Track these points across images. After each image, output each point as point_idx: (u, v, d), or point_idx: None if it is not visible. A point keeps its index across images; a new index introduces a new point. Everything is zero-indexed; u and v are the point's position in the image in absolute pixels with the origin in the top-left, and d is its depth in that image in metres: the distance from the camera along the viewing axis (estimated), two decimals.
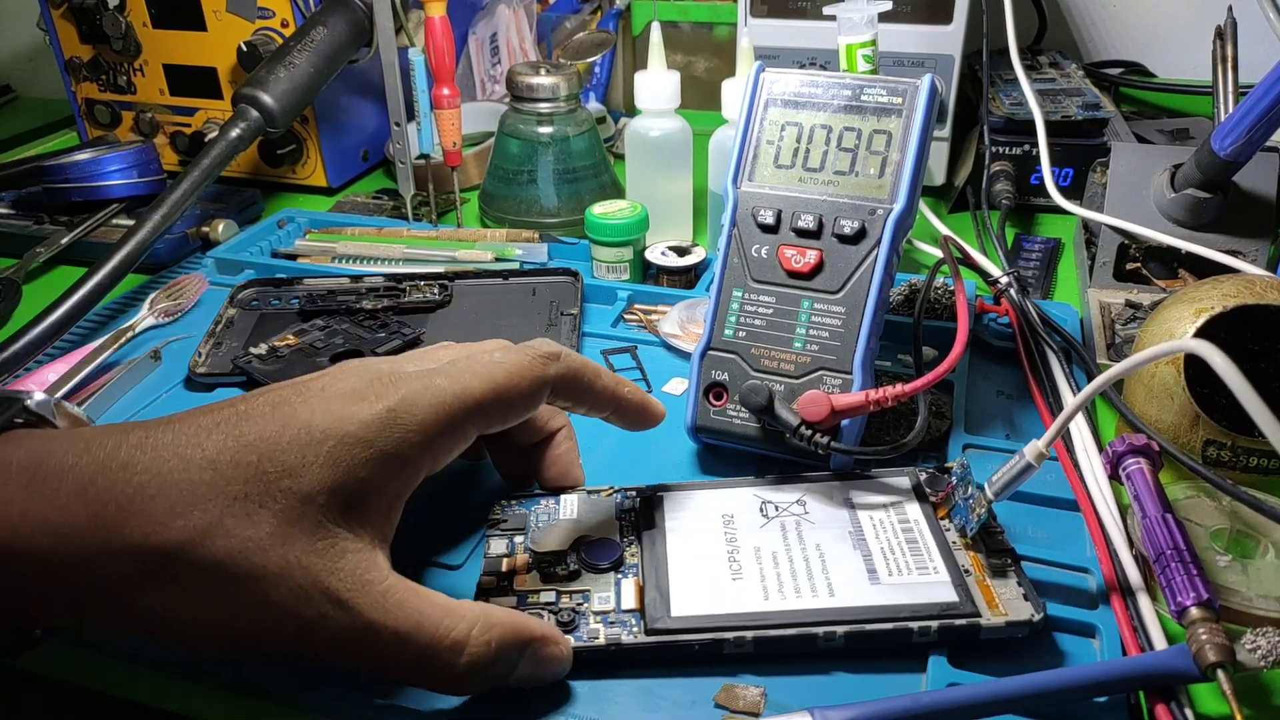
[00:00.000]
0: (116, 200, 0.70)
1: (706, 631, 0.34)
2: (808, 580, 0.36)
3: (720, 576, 0.36)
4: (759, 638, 0.34)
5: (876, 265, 0.43)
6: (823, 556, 0.37)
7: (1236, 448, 0.42)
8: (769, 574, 0.36)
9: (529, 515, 0.40)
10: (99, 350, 0.54)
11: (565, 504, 0.41)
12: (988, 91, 0.74)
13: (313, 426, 0.31)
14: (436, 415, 0.33)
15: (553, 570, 0.37)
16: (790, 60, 0.71)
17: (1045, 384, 0.50)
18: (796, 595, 0.35)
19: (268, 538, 0.29)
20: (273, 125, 0.67)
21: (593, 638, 0.34)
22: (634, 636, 0.34)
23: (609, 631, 0.34)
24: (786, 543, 0.38)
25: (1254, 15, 0.59)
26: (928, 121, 0.44)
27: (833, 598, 0.35)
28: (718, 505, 0.40)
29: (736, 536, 0.38)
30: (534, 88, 0.69)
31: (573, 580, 0.37)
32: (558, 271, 0.61)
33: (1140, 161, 0.59)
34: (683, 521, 0.39)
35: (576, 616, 0.35)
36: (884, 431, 0.46)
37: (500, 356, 0.35)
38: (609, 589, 0.36)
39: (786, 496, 0.41)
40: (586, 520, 0.40)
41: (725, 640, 0.34)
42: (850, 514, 0.39)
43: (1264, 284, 0.43)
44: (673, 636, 0.34)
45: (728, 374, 0.44)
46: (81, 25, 0.81)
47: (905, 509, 0.40)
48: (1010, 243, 0.69)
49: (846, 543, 0.38)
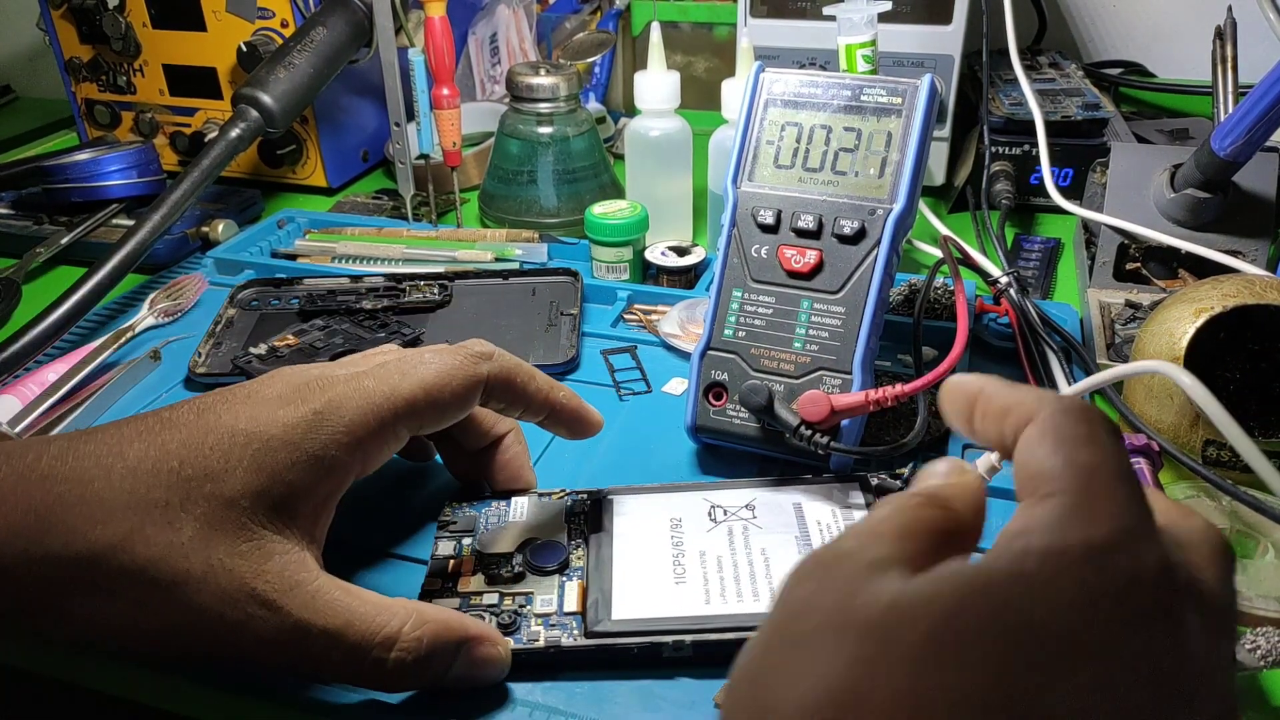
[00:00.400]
0: (116, 200, 0.70)
1: (646, 635, 0.34)
2: (750, 584, 0.36)
3: (664, 580, 0.36)
4: (698, 642, 0.34)
5: (876, 265, 0.43)
6: (767, 561, 0.37)
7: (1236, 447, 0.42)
8: (712, 578, 0.36)
9: (478, 517, 0.41)
10: (99, 350, 0.54)
11: (515, 506, 0.41)
12: (988, 91, 0.74)
13: (236, 431, 0.31)
14: (364, 416, 0.33)
15: (497, 572, 0.37)
16: (790, 60, 0.71)
17: (1045, 384, 0.50)
18: (739, 599, 0.35)
19: (190, 542, 0.30)
20: (273, 125, 0.67)
21: (533, 640, 0.34)
22: (574, 639, 0.34)
23: (549, 634, 0.35)
24: (732, 547, 0.38)
25: (1254, 15, 0.59)
26: (928, 122, 0.44)
27: None
28: (667, 509, 0.40)
29: (683, 540, 0.38)
30: (534, 88, 0.69)
31: (517, 582, 0.37)
32: (558, 271, 0.61)
33: (1140, 161, 0.59)
34: (631, 525, 0.39)
35: (518, 618, 0.35)
36: (884, 431, 0.46)
37: (431, 357, 0.35)
38: (552, 591, 0.36)
39: (736, 500, 0.40)
40: (535, 523, 0.40)
41: (664, 644, 0.34)
42: (798, 520, 0.39)
43: (1264, 284, 0.43)
44: (611, 640, 0.34)
45: (727, 374, 0.44)
46: (81, 25, 0.81)
47: (854, 515, 0.40)
48: (1010, 243, 0.69)
49: (792, 547, 0.38)
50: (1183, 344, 0.43)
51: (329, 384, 0.33)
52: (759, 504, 0.40)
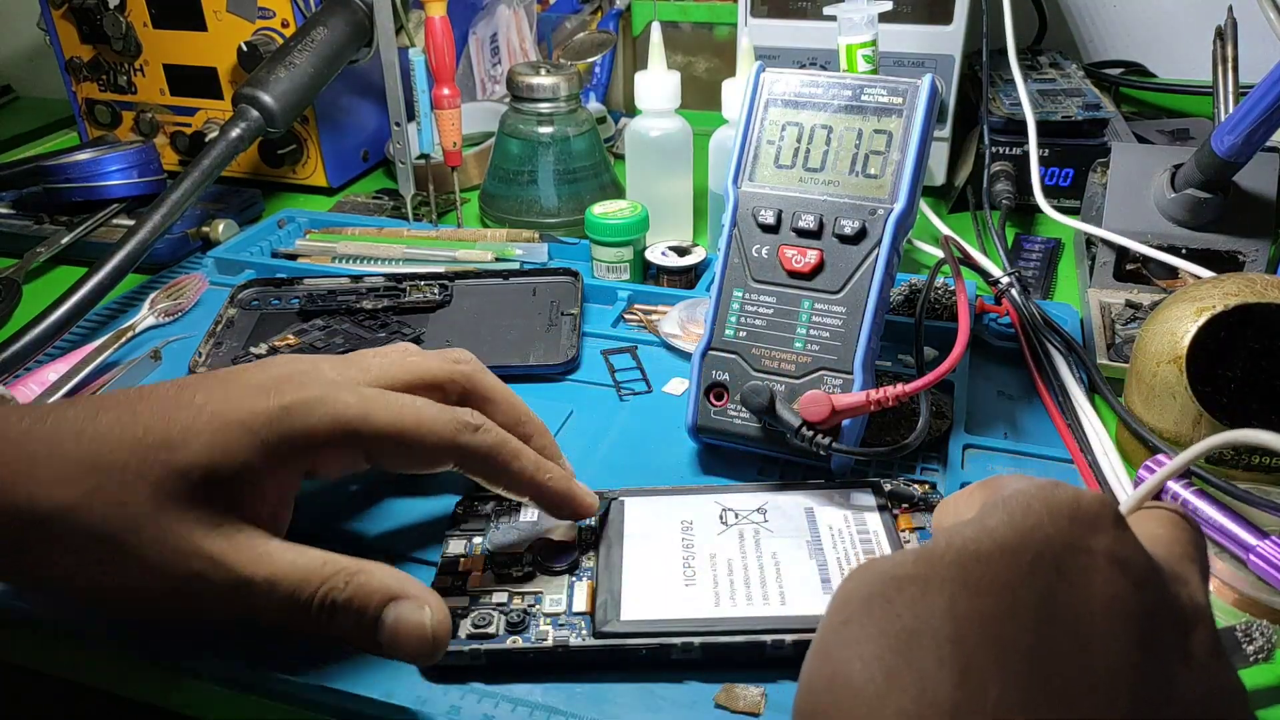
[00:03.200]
0: (116, 200, 0.70)
1: (654, 636, 0.34)
2: (760, 588, 0.36)
3: (674, 582, 0.36)
4: (706, 644, 0.34)
5: (877, 265, 0.43)
6: (778, 564, 0.37)
7: (1239, 447, 0.42)
8: (722, 580, 0.36)
9: (490, 516, 0.40)
10: (99, 350, 0.54)
11: (527, 506, 0.41)
12: (988, 91, 0.74)
13: (203, 409, 0.32)
14: (329, 429, 0.33)
15: (507, 571, 0.37)
16: (790, 60, 0.71)
17: (1052, 384, 0.50)
18: (748, 602, 0.35)
19: (143, 505, 0.31)
20: (273, 125, 0.67)
21: (541, 639, 0.34)
22: (582, 639, 0.34)
23: (558, 633, 0.34)
24: (743, 550, 0.38)
25: (1254, 15, 0.59)
26: (928, 121, 0.44)
27: (784, 606, 0.35)
28: (679, 512, 0.40)
29: (694, 543, 0.38)
30: (534, 88, 0.69)
31: (526, 581, 0.37)
32: (558, 271, 0.61)
33: (1140, 162, 0.59)
34: (641, 527, 0.39)
35: (527, 617, 0.35)
36: (885, 432, 0.46)
37: (422, 404, 0.35)
38: (562, 591, 0.36)
39: (748, 504, 0.40)
40: (546, 523, 0.40)
41: (673, 645, 0.34)
42: (810, 524, 0.39)
43: (1265, 282, 0.43)
44: (620, 640, 0.34)
45: (728, 374, 0.44)
46: (82, 25, 0.81)
47: (866, 520, 0.39)
48: (1010, 242, 0.69)
49: (803, 551, 0.38)
50: (1185, 343, 0.43)
51: (309, 383, 0.34)
52: (770, 507, 0.40)
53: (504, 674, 0.34)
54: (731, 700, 0.33)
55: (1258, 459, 0.42)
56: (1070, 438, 0.46)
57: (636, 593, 0.36)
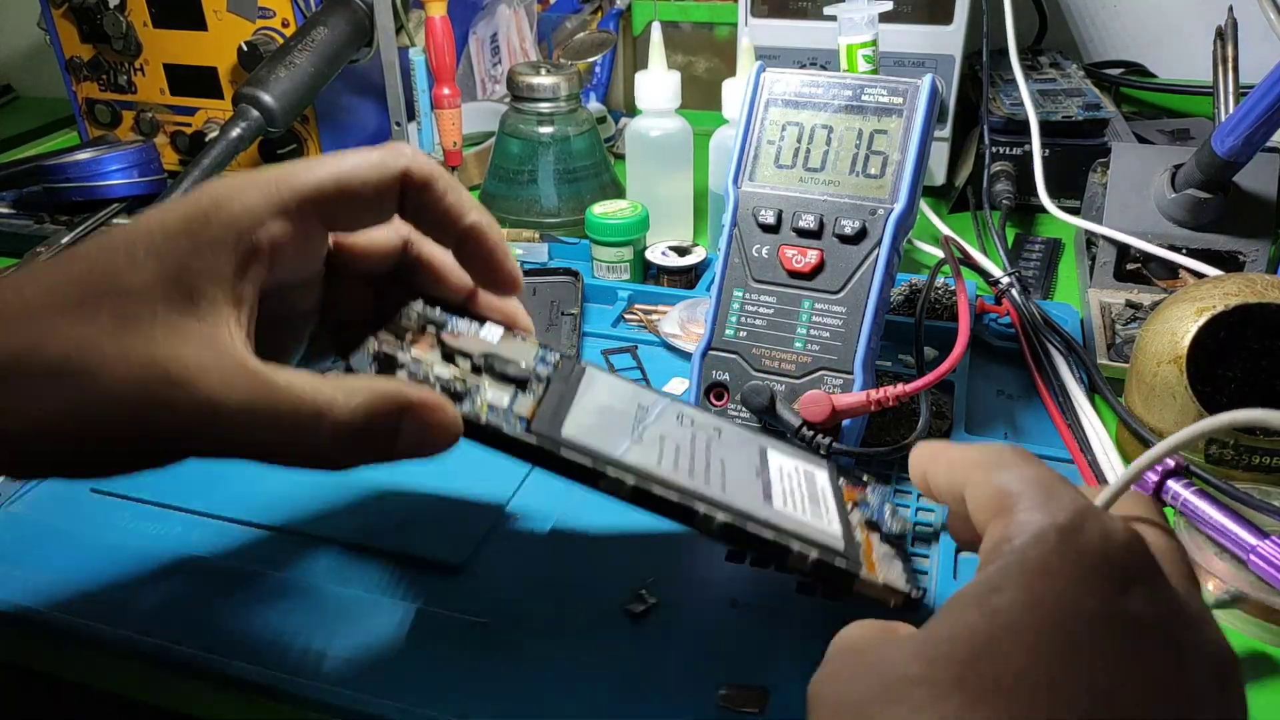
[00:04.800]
0: (116, 200, 0.70)
1: (589, 456, 0.32)
2: (704, 473, 0.34)
3: (620, 432, 0.34)
4: (638, 488, 0.32)
5: (877, 265, 0.43)
6: (724, 468, 0.35)
7: (1240, 446, 0.42)
8: (668, 451, 0.34)
9: (448, 320, 0.37)
10: None
11: (490, 328, 0.37)
12: (988, 91, 0.74)
13: (137, 229, 0.31)
14: (266, 199, 0.32)
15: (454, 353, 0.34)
16: (790, 60, 0.71)
17: (1053, 385, 0.50)
18: (690, 477, 0.33)
19: (101, 333, 0.30)
20: (273, 125, 0.67)
21: (474, 416, 0.31)
22: (514, 431, 0.32)
23: (492, 418, 0.32)
24: (693, 446, 0.36)
25: (1254, 15, 0.59)
26: (928, 121, 0.44)
27: (724, 494, 0.33)
28: (638, 397, 0.38)
29: (647, 420, 0.36)
30: (534, 88, 0.69)
31: (473, 375, 0.34)
32: (558, 271, 0.61)
33: (1141, 162, 0.59)
34: (599, 391, 0.37)
35: (467, 390, 0.32)
36: (885, 432, 0.46)
37: (346, 152, 0.34)
38: (506, 394, 0.33)
39: (707, 420, 0.39)
40: (504, 349, 0.36)
41: (604, 474, 0.32)
42: (761, 454, 0.38)
43: (1265, 282, 0.43)
44: (553, 446, 0.32)
45: (729, 374, 0.44)
46: (82, 25, 0.81)
47: (815, 477, 0.38)
48: (1011, 242, 0.69)
49: (750, 469, 0.36)
50: (1185, 343, 0.43)
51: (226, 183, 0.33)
52: (727, 431, 0.38)
53: None
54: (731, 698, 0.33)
55: (1258, 459, 0.42)
56: (1070, 438, 0.46)
57: (580, 422, 0.34)
